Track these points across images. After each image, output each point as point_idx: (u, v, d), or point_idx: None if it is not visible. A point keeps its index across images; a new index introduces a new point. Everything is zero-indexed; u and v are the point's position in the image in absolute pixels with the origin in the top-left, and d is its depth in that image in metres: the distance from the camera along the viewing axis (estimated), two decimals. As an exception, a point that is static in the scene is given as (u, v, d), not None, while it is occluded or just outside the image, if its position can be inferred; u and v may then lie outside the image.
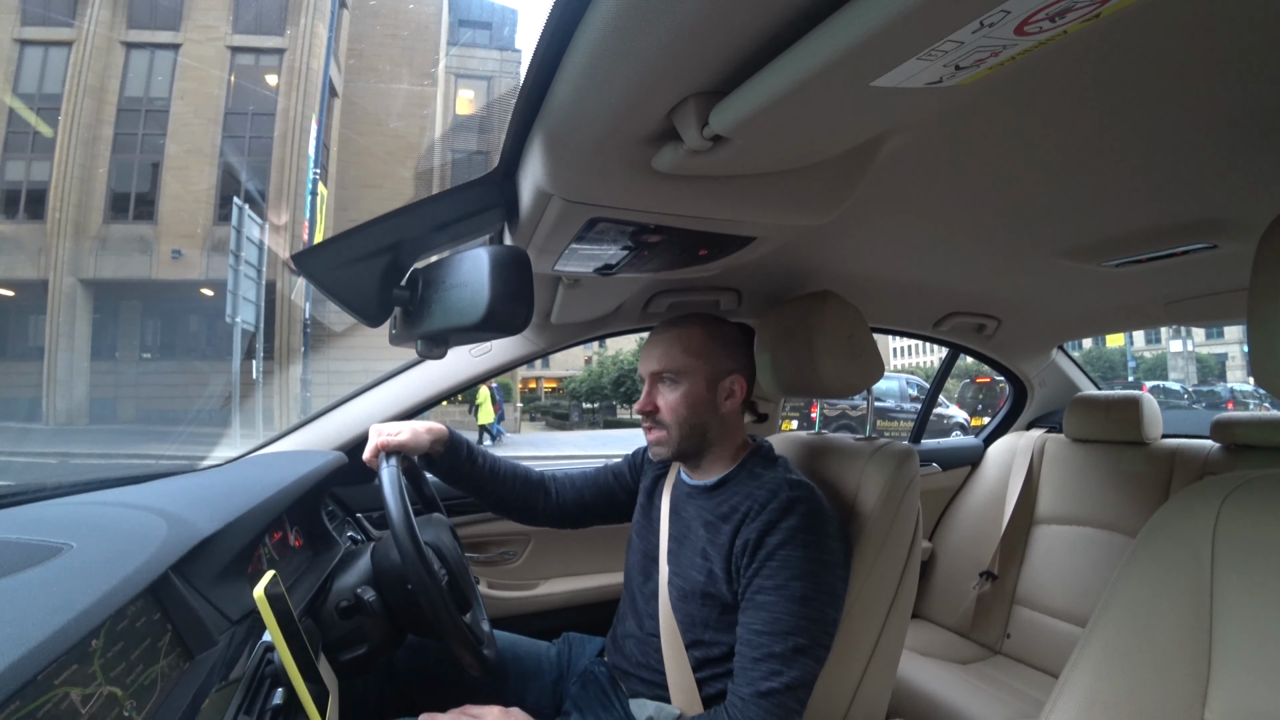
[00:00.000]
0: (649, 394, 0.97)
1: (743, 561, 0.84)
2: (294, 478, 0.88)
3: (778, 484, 0.88)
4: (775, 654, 0.78)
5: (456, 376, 1.27)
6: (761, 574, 0.82)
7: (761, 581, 0.82)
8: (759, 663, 0.79)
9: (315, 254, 0.70)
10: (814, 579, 0.81)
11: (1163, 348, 19.13)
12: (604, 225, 0.71)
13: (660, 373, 0.96)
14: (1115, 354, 23.89)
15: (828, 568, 0.84)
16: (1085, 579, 1.57)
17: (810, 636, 0.80)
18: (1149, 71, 0.51)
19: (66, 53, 12.21)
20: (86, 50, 12.15)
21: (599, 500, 1.16)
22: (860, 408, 9.45)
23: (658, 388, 0.96)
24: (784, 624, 0.79)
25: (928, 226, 0.94)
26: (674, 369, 0.94)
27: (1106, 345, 22.57)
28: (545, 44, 0.48)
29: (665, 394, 0.95)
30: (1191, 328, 12.37)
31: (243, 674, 0.58)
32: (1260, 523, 0.50)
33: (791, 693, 0.78)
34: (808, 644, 0.80)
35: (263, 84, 12.85)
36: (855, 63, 0.39)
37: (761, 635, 0.80)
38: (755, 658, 0.79)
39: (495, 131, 14.90)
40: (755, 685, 0.78)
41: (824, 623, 0.82)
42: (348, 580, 0.84)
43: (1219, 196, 0.79)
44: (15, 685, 0.35)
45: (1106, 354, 23.57)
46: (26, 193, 12.06)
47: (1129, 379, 17.51)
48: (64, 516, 0.66)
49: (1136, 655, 0.52)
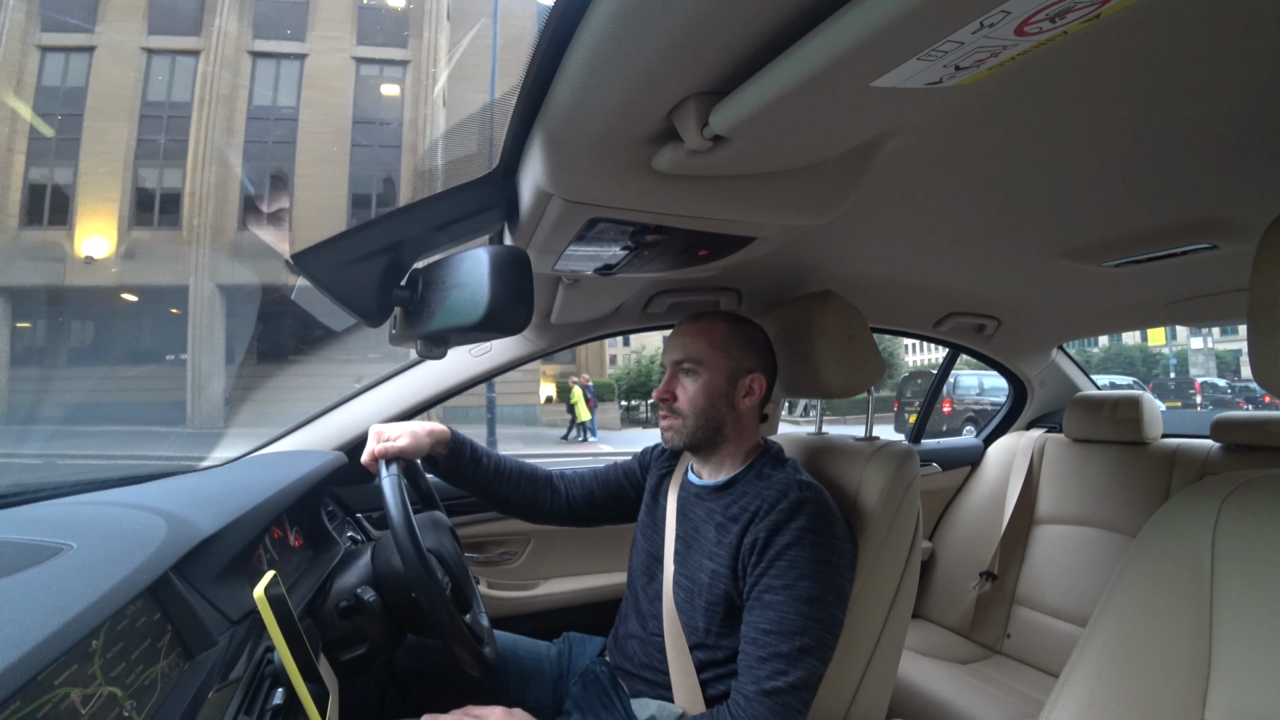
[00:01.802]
0: (668, 382, 0.98)
1: (750, 560, 0.84)
2: (294, 478, 0.88)
3: (787, 484, 0.88)
4: (781, 653, 0.78)
5: (456, 377, 1.27)
6: (769, 573, 0.82)
7: (769, 581, 0.82)
8: (765, 661, 0.79)
9: (315, 253, 0.70)
10: (821, 580, 0.81)
11: (1183, 344, 19.34)
12: (604, 225, 0.71)
13: (682, 362, 0.97)
14: (1134, 351, 24.37)
15: (835, 569, 0.84)
16: (1085, 579, 1.57)
17: (816, 637, 0.80)
18: (1149, 72, 0.51)
19: (194, 61, 12.38)
20: (216, 60, 12.31)
21: (609, 498, 1.16)
22: (983, 402, 9.71)
23: (679, 377, 0.97)
24: (791, 624, 0.79)
25: (928, 226, 0.94)
26: (696, 359, 0.95)
27: (1148, 342, 22.97)
28: (545, 44, 0.48)
29: (685, 383, 0.96)
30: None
31: (243, 674, 0.58)
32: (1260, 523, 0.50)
33: (796, 692, 0.78)
34: (814, 644, 0.79)
35: (386, 94, 13.14)
36: (855, 63, 0.39)
37: (768, 634, 0.80)
38: (761, 656, 0.79)
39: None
40: (760, 684, 0.78)
41: (830, 623, 0.82)
42: (348, 580, 0.84)
43: (1219, 197, 0.79)
44: (15, 685, 0.35)
45: (1145, 349, 24.14)
46: (160, 198, 12.25)
47: (1171, 375, 17.62)
48: (64, 516, 0.66)
49: (1137, 655, 0.52)
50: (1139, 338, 22.94)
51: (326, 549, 0.97)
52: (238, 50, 12.46)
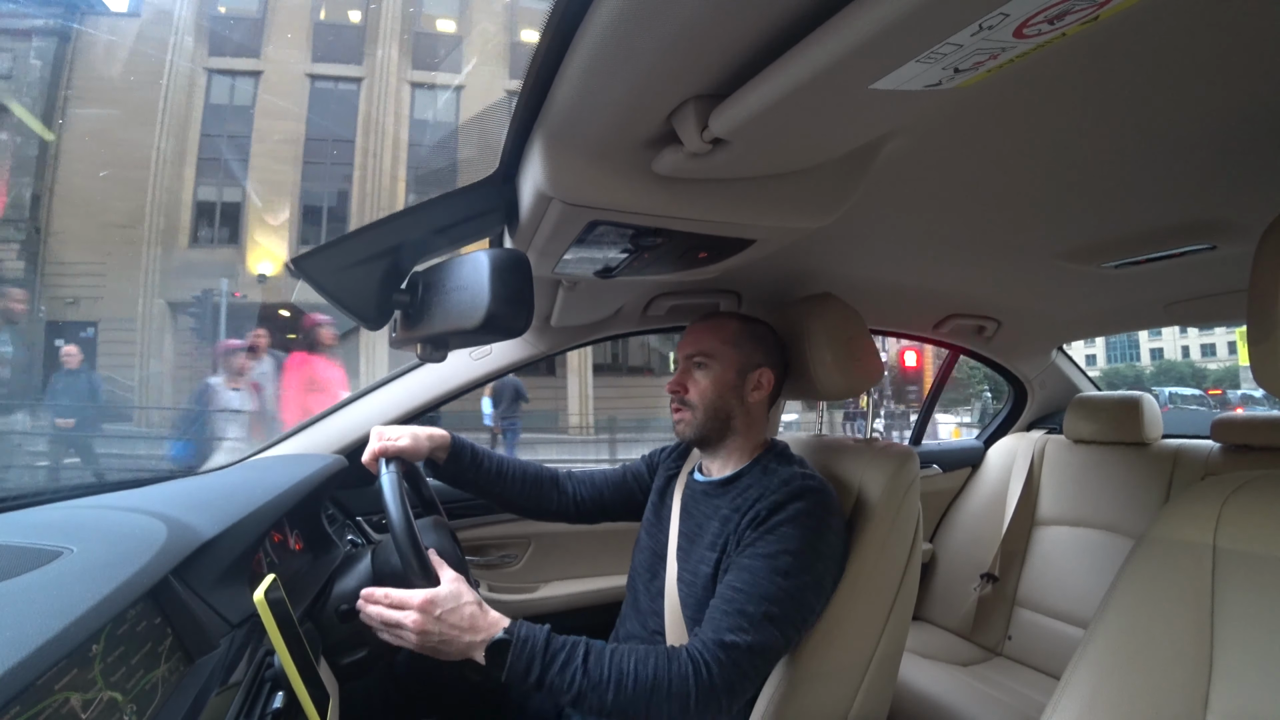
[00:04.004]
0: (680, 375, 1.00)
1: (746, 533, 0.86)
2: (294, 481, 0.88)
3: (791, 476, 0.89)
4: (746, 612, 0.79)
5: (457, 380, 1.27)
6: (756, 544, 0.83)
7: (753, 549, 0.83)
8: (729, 615, 0.79)
9: (315, 257, 0.70)
10: (803, 559, 0.82)
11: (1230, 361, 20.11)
12: (604, 228, 0.71)
13: (693, 355, 0.99)
14: (1184, 367, 25.02)
15: (819, 556, 0.84)
16: (1086, 580, 1.56)
17: (783, 609, 0.80)
18: (1148, 73, 0.51)
19: (356, 88, 12.50)
20: (380, 87, 12.43)
21: (617, 500, 1.17)
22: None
23: (690, 370, 1.00)
24: (762, 589, 0.80)
25: (927, 228, 0.94)
26: (706, 352, 0.98)
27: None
28: (545, 47, 0.48)
29: (696, 376, 0.99)
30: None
31: (243, 678, 0.58)
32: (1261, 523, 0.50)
33: (751, 654, 0.77)
34: (779, 615, 0.79)
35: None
36: (854, 66, 0.39)
37: (739, 593, 0.80)
38: (726, 610, 0.79)
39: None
40: (720, 634, 0.77)
41: (801, 605, 0.82)
42: (348, 584, 0.84)
43: (1219, 197, 0.79)
44: (15, 690, 0.35)
45: (1194, 365, 24.93)
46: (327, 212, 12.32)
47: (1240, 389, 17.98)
48: (64, 520, 0.66)
49: (1138, 657, 0.52)
50: (1185, 353, 23.26)
51: (327, 552, 0.96)
52: (399, 80, 12.63)
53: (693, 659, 0.76)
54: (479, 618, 0.75)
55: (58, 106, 10.86)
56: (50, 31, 10.91)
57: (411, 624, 0.73)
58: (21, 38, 10.87)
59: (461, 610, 0.75)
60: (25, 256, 10.75)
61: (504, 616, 0.76)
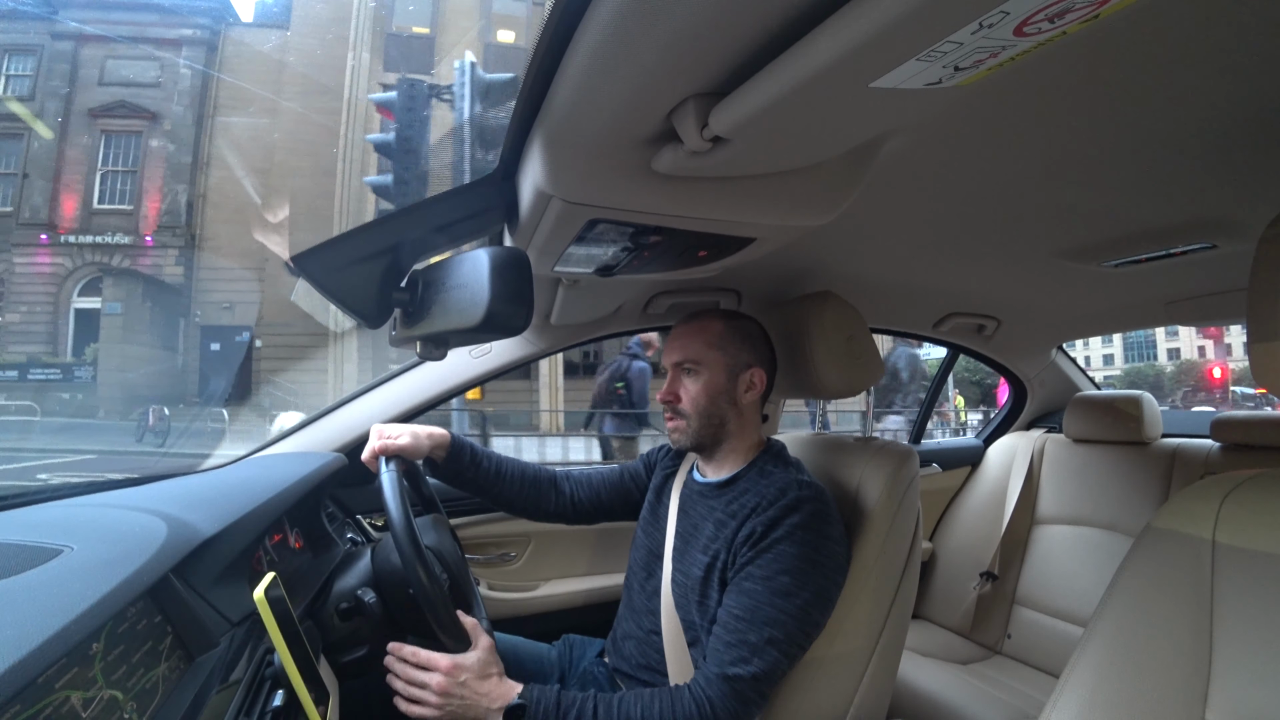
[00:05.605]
0: (671, 384, 1.00)
1: (742, 550, 0.85)
2: (294, 479, 0.88)
3: (788, 483, 0.89)
4: (748, 641, 0.79)
5: (457, 378, 1.27)
6: (755, 563, 0.83)
7: (752, 570, 0.83)
8: (731, 647, 0.80)
9: (314, 255, 0.70)
10: (803, 576, 0.82)
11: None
12: (604, 226, 0.71)
13: (682, 363, 0.99)
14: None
15: (819, 568, 0.84)
16: (1086, 579, 1.56)
17: (785, 631, 0.80)
18: (1148, 72, 0.51)
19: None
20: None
21: (615, 500, 1.17)
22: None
23: (680, 378, 0.99)
24: (763, 614, 0.80)
25: (927, 227, 0.94)
26: (695, 359, 0.97)
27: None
28: (545, 45, 0.48)
29: (687, 384, 0.98)
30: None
31: (243, 676, 0.58)
32: (1261, 522, 0.50)
33: (755, 683, 0.79)
34: (781, 638, 0.80)
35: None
36: (854, 64, 0.39)
37: (739, 620, 0.81)
38: (729, 641, 0.80)
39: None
40: (723, 667, 0.79)
41: (803, 620, 0.82)
42: (348, 582, 0.84)
43: (1218, 196, 0.79)
44: (16, 688, 0.35)
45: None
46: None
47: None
48: (64, 518, 0.66)
49: (1137, 655, 0.52)
50: (1201, 353, 22.85)
51: (326, 550, 0.97)
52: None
53: (696, 698, 0.78)
54: (497, 685, 0.78)
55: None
56: (199, 42, 11.45)
57: (436, 685, 0.76)
58: (170, 47, 11.40)
59: (487, 679, 0.77)
60: (182, 262, 11.28)
61: (515, 683, 0.79)
